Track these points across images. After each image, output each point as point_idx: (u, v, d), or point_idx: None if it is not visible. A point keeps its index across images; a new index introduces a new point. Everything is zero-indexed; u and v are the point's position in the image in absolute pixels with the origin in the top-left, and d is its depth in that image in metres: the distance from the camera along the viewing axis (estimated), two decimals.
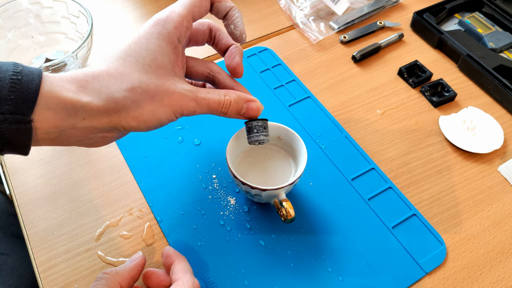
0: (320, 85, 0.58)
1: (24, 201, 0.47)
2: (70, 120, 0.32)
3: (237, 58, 0.40)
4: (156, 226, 0.45)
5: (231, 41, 0.40)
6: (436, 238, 0.45)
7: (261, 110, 0.40)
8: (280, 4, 0.68)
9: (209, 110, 0.37)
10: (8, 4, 0.54)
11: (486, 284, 0.42)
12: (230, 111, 0.38)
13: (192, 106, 0.35)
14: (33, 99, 0.30)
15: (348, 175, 0.49)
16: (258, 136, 0.40)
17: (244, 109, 0.38)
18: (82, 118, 0.32)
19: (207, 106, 0.36)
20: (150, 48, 0.34)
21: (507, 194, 0.49)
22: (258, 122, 0.40)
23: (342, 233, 0.45)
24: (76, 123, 0.32)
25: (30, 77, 0.30)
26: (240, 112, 0.38)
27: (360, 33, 0.64)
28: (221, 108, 0.37)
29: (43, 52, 0.58)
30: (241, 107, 0.38)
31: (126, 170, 0.49)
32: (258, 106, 0.39)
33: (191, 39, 0.40)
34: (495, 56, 0.58)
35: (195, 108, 0.35)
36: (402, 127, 0.54)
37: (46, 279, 0.41)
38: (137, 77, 0.33)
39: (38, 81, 0.30)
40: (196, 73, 0.40)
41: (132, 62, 0.33)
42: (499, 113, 0.55)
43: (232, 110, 0.38)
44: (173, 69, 0.35)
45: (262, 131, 0.40)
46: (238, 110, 0.38)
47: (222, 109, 0.37)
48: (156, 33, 0.34)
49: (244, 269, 0.42)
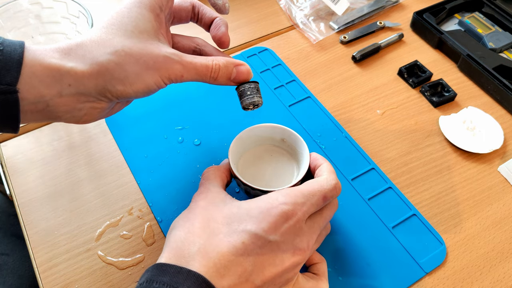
0: (320, 85, 0.58)
1: (24, 201, 0.47)
2: (56, 87, 0.32)
3: (223, 28, 0.40)
4: (156, 226, 0.45)
5: (215, 14, 0.41)
6: (436, 238, 0.45)
7: (251, 74, 0.39)
8: (280, 4, 0.68)
9: (198, 75, 0.36)
10: (8, 5, 0.54)
11: (486, 284, 0.42)
12: (220, 76, 0.37)
13: (179, 70, 0.35)
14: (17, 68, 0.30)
15: (348, 175, 0.49)
16: (252, 97, 0.39)
17: (234, 73, 0.38)
18: (68, 84, 0.32)
19: (194, 70, 0.36)
20: (132, 16, 0.35)
21: (507, 194, 0.49)
22: (250, 84, 0.39)
23: (342, 233, 0.45)
24: (62, 90, 0.32)
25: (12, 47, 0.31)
26: (230, 77, 0.38)
27: (360, 33, 0.64)
28: (210, 73, 0.37)
29: None
30: (230, 71, 0.38)
31: (126, 170, 0.49)
32: (248, 68, 0.39)
33: (175, 16, 0.41)
34: (495, 56, 0.58)
35: (182, 71, 0.35)
36: (402, 127, 0.54)
37: (46, 279, 0.41)
38: (120, 42, 0.33)
39: (21, 51, 0.31)
40: (182, 48, 0.41)
41: (115, 29, 0.34)
42: (499, 113, 0.55)
43: (222, 75, 0.37)
44: (156, 36, 0.35)
45: (256, 92, 0.39)
46: (228, 74, 0.38)
47: (212, 74, 0.37)
48: (137, 2, 0.35)
49: None
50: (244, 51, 0.61)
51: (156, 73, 0.34)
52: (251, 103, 0.39)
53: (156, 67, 0.34)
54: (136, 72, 0.33)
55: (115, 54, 0.33)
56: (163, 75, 0.34)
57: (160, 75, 0.34)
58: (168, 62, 0.34)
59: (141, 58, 0.33)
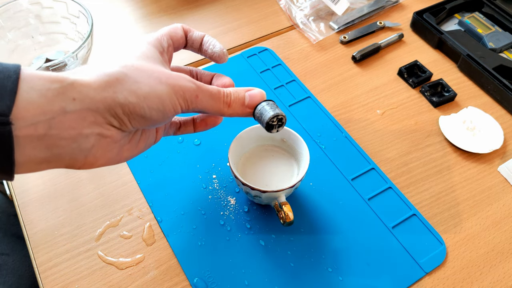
0: (320, 85, 0.58)
1: (24, 201, 0.47)
2: (59, 101, 0.27)
3: (217, 43, 0.38)
4: (156, 226, 0.45)
5: (202, 33, 0.39)
6: (436, 238, 0.45)
7: (265, 95, 0.37)
8: (280, 4, 0.68)
9: (212, 98, 0.34)
10: (9, 4, 0.54)
11: (486, 284, 0.42)
12: (234, 102, 0.35)
13: (193, 89, 0.33)
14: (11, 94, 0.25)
15: (348, 175, 0.49)
16: (274, 110, 0.36)
17: (247, 98, 0.36)
18: (72, 98, 0.28)
19: (208, 92, 0.34)
20: (138, 48, 0.34)
21: (507, 194, 0.49)
22: (268, 101, 0.36)
23: (342, 233, 0.45)
24: (66, 105, 0.27)
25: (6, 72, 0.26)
26: (244, 103, 0.36)
27: (360, 33, 0.64)
28: (223, 97, 0.35)
29: (43, 52, 0.58)
30: (242, 96, 0.36)
31: (126, 170, 0.49)
32: (260, 90, 0.37)
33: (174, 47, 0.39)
34: (495, 56, 0.58)
35: (196, 91, 0.33)
36: (402, 127, 0.54)
37: (46, 279, 0.41)
38: (130, 60, 0.32)
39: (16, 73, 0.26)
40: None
41: (121, 53, 0.33)
42: (499, 113, 0.55)
43: (235, 101, 0.35)
44: (162, 64, 0.34)
45: (275, 107, 0.36)
46: (241, 100, 0.36)
47: (225, 99, 0.35)
48: (142, 40, 0.34)
49: (244, 269, 0.42)
50: (244, 51, 0.61)
51: (170, 90, 0.31)
52: (274, 115, 0.35)
53: (169, 83, 0.31)
54: (149, 85, 0.30)
55: (125, 67, 0.30)
56: (177, 92, 0.32)
57: (174, 93, 0.32)
58: (181, 79, 0.32)
59: (153, 74, 0.31)
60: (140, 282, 0.41)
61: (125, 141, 0.32)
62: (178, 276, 0.42)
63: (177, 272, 0.42)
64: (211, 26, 0.65)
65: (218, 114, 0.36)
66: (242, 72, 0.59)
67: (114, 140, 0.31)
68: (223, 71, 0.58)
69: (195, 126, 0.41)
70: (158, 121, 0.32)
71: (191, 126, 0.41)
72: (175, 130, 0.41)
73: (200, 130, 0.41)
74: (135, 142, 0.34)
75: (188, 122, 0.41)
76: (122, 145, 0.32)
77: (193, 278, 0.41)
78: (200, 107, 0.34)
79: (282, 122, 0.36)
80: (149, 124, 0.32)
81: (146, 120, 0.31)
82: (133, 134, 0.33)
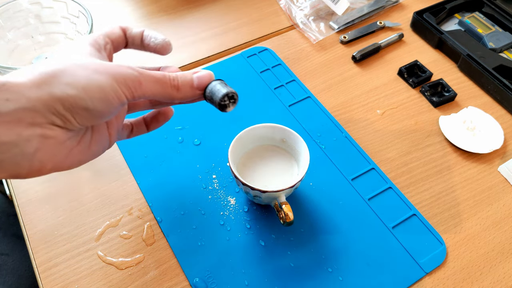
0: (320, 85, 0.58)
1: (24, 201, 0.47)
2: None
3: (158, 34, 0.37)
4: (156, 226, 0.45)
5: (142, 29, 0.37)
6: (436, 238, 0.45)
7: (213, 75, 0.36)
8: (280, 4, 0.68)
9: (157, 83, 0.33)
10: (8, 4, 0.54)
11: (486, 284, 0.42)
12: (182, 85, 0.34)
13: (135, 75, 0.31)
14: None
15: (348, 175, 0.49)
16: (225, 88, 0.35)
17: (195, 79, 0.35)
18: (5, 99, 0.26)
19: (152, 77, 0.32)
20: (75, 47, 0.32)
21: (507, 194, 0.49)
22: (218, 81, 0.35)
23: (342, 233, 0.45)
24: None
25: None
26: (193, 85, 0.35)
27: (360, 33, 0.64)
28: (170, 81, 0.33)
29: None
30: (190, 78, 0.35)
31: (126, 170, 0.49)
32: (208, 71, 0.35)
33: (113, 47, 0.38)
34: (495, 56, 0.58)
35: (138, 77, 0.31)
36: (402, 127, 0.54)
37: (46, 279, 0.41)
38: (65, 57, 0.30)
39: None
40: None
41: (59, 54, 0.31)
42: (499, 113, 0.55)
43: (183, 83, 0.34)
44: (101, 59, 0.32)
45: (226, 86, 0.35)
46: (189, 81, 0.34)
47: (172, 82, 0.33)
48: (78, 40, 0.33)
49: (244, 269, 0.42)
50: (244, 51, 0.61)
51: (110, 78, 0.30)
52: (224, 94, 0.34)
53: (108, 72, 0.30)
54: (87, 76, 0.29)
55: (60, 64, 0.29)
56: (118, 80, 0.30)
57: (115, 81, 0.30)
58: (120, 67, 0.31)
59: (90, 66, 0.30)
60: (140, 282, 0.41)
61: (73, 142, 0.31)
62: (178, 276, 0.42)
63: (177, 272, 0.42)
64: (211, 26, 0.65)
65: (168, 99, 0.34)
66: (242, 72, 0.59)
67: (60, 141, 0.29)
68: (222, 70, 0.58)
69: (147, 125, 0.41)
70: (104, 112, 0.30)
71: (143, 125, 0.40)
72: (128, 133, 0.40)
73: (153, 128, 0.41)
74: (85, 143, 0.32)
75: (140, 123, 0.40)
76: (70, 147, 0.31)
77: (193, 278, 0.41)
78: (148, 94, 0.32)
79: (235, 99, 0.35)
80: (95, 118, 0.30)
81: (91, 113, 0.29)
82: (82, 134, 0.32)
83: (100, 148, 0.34)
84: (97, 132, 0.34)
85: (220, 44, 0.63)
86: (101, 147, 0.34)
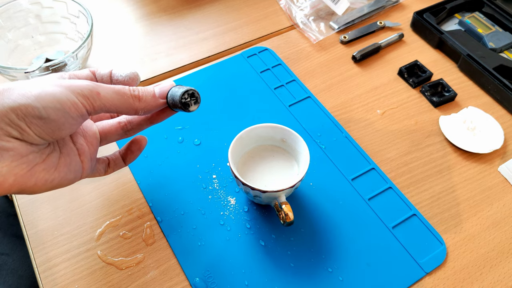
0: (320, 85, 0.58)
1: (24, 201, 0.47)
2: None
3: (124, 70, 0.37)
4: (156, 226, 0.45)
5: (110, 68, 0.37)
6: (436, 238, 0.44)
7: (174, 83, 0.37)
8: (280, 4, 0.68)
9: (117, 93, 0.33)
10: (8, 4, 0.54)
11: (486, 284, 0.42)
12: (143, 95, 0.34)
13: (91, 85, 0.31)
14: None
15: (348, 175, 0.49)
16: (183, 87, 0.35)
17: (156, 90, 0.35)
18: None
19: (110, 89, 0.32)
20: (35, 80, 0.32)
21: (507, 194, 0.49)
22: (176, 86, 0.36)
23: (342, 233, 0.45)
24: None
25: None
26: (154, 94, 0.35)
27: (360, 33, 0.63)
28: (130, 92, 0.34)
29: (43, 52, 0.58)
30: (151, 89, 0.35)
31: (126, 170, 0.49)
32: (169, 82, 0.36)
33: None
34: (495, 56, 0.58)
35: (95, 87, 0.31)
36: (402, 127, 0.54)
37: (46, 279, 0.41)
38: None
39: None
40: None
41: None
42: (499, 113, 0.55)
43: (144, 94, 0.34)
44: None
45: (184, 87, 0.36)
46: (150, 93, 0.35)
47: (132, 93, 0.34)
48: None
49: (244, 269, 0.42)
50: (244, 51, 0.61)
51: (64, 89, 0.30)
52: (184, 92, 0.35)
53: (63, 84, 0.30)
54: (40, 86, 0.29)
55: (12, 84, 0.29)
56: (74, 91, 0.30)
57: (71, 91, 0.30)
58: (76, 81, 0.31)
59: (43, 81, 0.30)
60: (140, 282, 0.41)
61: (36, 158, 0.30)
62: (178, 276, 0.42)
63: (177, 272, 0.42)
64: (211, 26, 0.65)
65: (131, 110, 0.34)
66: (242, 72, 0.59)
67: (19, 153, 0.29)
68: (222, 70, 0.58)
69: (123, 158, 0.42)
70: (62, 122, 0.30)
71: (119, 159, 0.42)
72: (105, 167, 0.41)
73: (130, 161, 0.42)
74: (52, 163, 0.32)
75: (116, 157, 0.42)
76: (33, 162, 0.30)
77: (193, 278, 0.41)
78: (108, 105, 0.32)
79: (195, 96, 0.36)
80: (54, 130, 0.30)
81: (45, 122, 0.29)
82: (49, 153, 0.32)
83: (72, 174, 0.34)
84: (66, 155, 0.34)
85: (220, 44, 0.63)
86: (72, 173, 0.34)
